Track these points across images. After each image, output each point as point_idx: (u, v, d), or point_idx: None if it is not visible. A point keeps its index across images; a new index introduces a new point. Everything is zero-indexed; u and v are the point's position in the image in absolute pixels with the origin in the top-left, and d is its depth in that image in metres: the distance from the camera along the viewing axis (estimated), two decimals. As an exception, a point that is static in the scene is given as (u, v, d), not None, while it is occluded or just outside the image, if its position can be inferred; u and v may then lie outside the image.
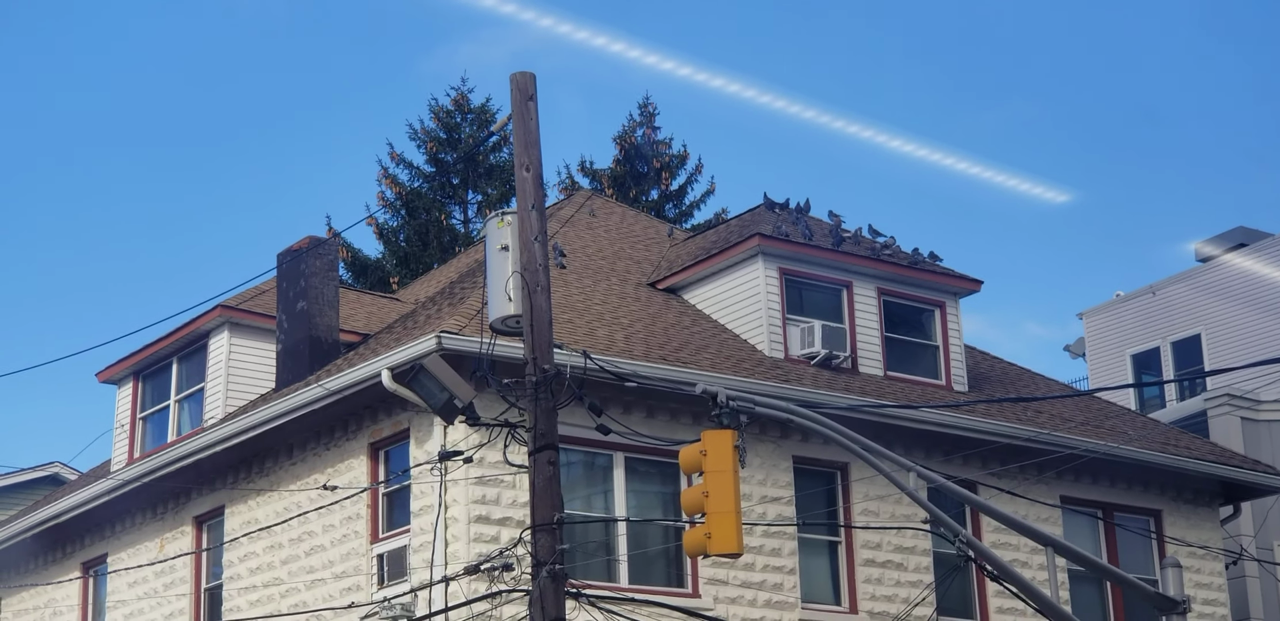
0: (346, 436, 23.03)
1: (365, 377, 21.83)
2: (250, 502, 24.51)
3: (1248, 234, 42.76)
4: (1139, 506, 26.63)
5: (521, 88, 17.51)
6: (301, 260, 25.20)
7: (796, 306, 25.46)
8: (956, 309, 26.68)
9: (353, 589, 22.36)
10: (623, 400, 21.88)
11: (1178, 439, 27.52)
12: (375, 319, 27.17)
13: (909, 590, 23.80)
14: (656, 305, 25.83)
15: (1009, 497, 23.29)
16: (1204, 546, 26.76)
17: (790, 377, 23.78)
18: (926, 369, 26.19)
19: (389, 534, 22.26)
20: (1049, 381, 29.53)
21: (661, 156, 51.06)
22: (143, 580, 26.35)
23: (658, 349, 23.34)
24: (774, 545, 23.03)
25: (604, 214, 30.43)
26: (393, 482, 22.30)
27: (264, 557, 24.11)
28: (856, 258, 26.01)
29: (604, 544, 21.97)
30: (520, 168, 17.34)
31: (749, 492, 22.53)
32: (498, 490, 21.14)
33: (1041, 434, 24.82)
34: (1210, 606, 26.60)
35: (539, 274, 16.83)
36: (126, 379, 27.86)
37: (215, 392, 26.02)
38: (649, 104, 51.49)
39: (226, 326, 26.14)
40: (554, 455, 16.32)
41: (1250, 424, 31.00)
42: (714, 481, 15.37)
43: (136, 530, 26.79)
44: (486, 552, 20.16)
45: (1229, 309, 41.23)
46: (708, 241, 27.80)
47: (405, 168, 49.85)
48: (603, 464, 22.28)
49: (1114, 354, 43.67)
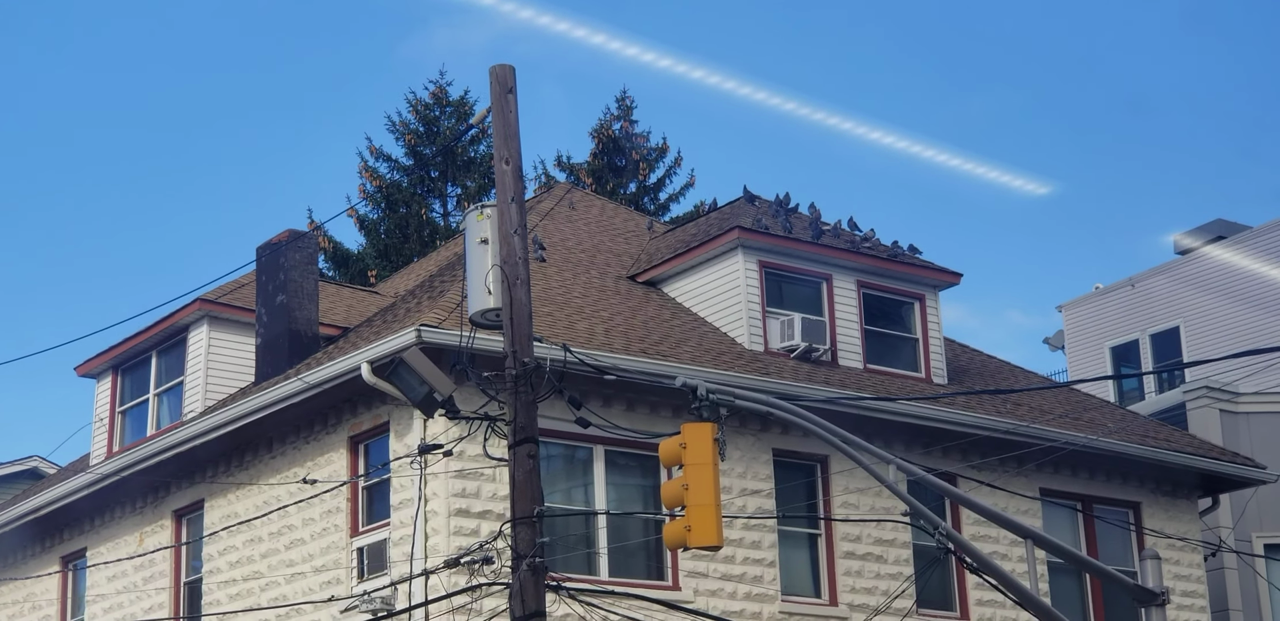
0: (326, 430, 23.01)
1: (345, 371, 21.81)
2: (230, 496, 24.48)
3: (1226, 226, 42.84)
4: (1118, 498, 26.69)
5: (501, 80, 17.48)
6: (281, 254, 25.16)
7: (776, 299, 25.48)
8: (936, 302, 26.72)
9: (333, 582, 22.34)
10: (603, 393, 21.88)
11: (1157, 431, 27.58)
12: (355, 312, 27.14)
13: (889, 582, 23.83)
14: (636, 298, 25.82)
15: (988, 490, 23.31)
16: (1183, 538, 26.83)
17: (770, 370, 23.79)
18: (906, 362, 26.22)
19: (369, 527, 22.25)
20: (1028, 374, 29.58)
21: (640, 149, 51.02)
22: (122, 574, 26.31)
23: (638, 342, 23.34)
24: (754, 538, 23.05)
25: (583, 207, 30.41)
26: (372, 476, 22.28)
27: (244, 551, 24.08)
28: (836, 250, 26.03)
29: (584, 537, 21.97)
30: (499, 160, 17.31)
31: (729, 485, 22.56)
32: (478, 483, 21.13)
33: (1021, 426, 24.86)
34: (1189, 598, 26.66)
35: (519, 267, 16.81)
36: (106, 372, 27.81)
37: (195, 386, 25.99)
38: (626, 97, 51.48)
39: (206, 320, 26.11)
40: (534, 448, 16.31)
41: (1229, 416, 31.06)
42: (694, 474, 15.38)
43: (116, 524, 26.75)
44: (466, 546, 20.13)
45: (1208, 301, 41.31)
46: (687, 234, 27.80)
47: (384, 161, 49.82)
48: (583, 457, 22.29)
49: (1093, 346, 43.75)
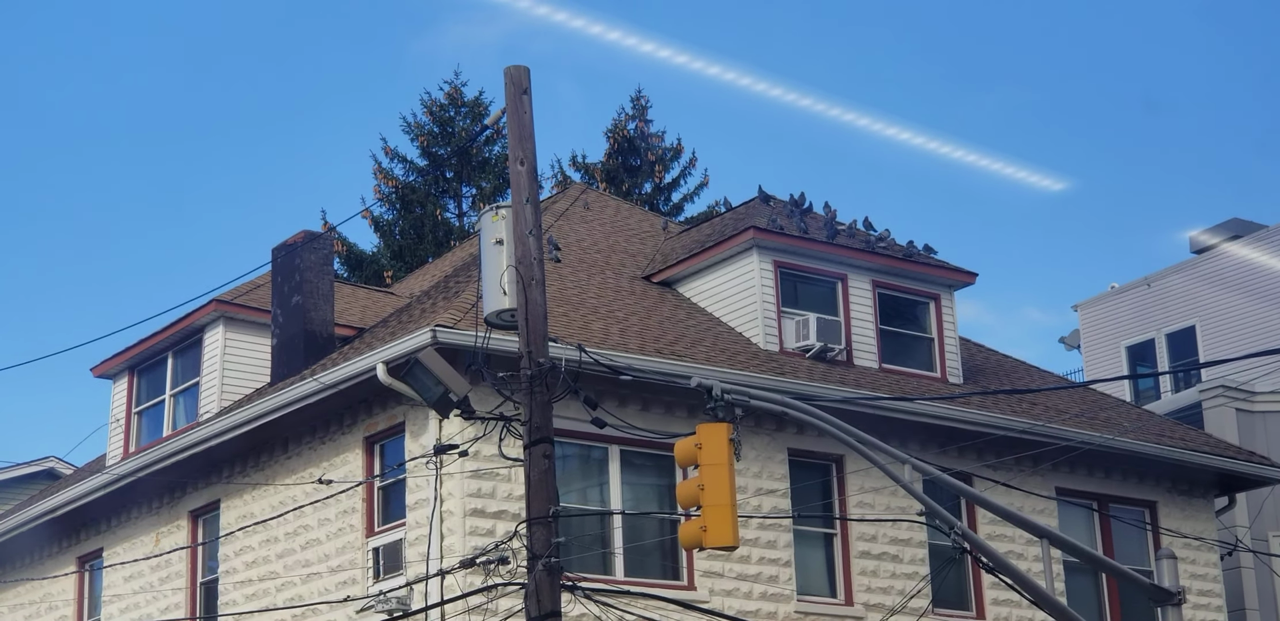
0: (342, 430, 23.03)
1: (360, 371, 21.82)
2: (246, 497, 24.51)
3: (1243, 225, 42.77)
4: (1134, 498, 26.66)
5: (515, 81, 17.48)
6: (296, 254, 25.19)
7: (791, 299, 25.47)
8: (951, 301, 26.69)
9: (348, 582, 22.36)
10: (618, 393, 21.88)
11: (1173, 430, 27.54)
12: (370, 313, 27.16)
13: (904, 582, 23.81)
14: (651, 298, 25.82)
15: (1004, 489, 23.28)
16: (1199, 537, 26.79)
17: (785, 370, 23.78)
18: (921, 361, 26.20)
19: (384, 527, 22.26)
20: (1044, 373, 29.54)
21: (655, 150, 51.03)
22: (138, 574, 26.35)
23: (653, 342, 23.34)
24: (769, 537, 23.04)
25: (598, 207, 30.42)
26: (388, 476, 22.30)
27: (259, 551, 24.11)
28: (851, 250, 26.01)
29: (599, 537, 21.98)
30: (514, 161, 17.32)
31: (744, 485, 22.55)
32: (493, 483, 21.14)
33: (1036, 426, 24.83)
34: (1205, 597, 26.62)
35: (534, 267, 16.82)
36: (122, 373, 27.86)
37: (210, 387, 26.03)
38: (641, 97, 51.50)
39: (221, 321, 26.15)
40: (549, 448, 16.31)
41: (1245, 415, 31.02)
42: (709, 474, 15.38)
43: (132, 524, 26.79)
44: (482, 546, 20.15)
45: (1224, 300, 41.24)
46: (702, 234, 27.79)
47: (399, 162, 49.85)
48: (598, 457, 22.29)
49: (1109, 346, 43.70)
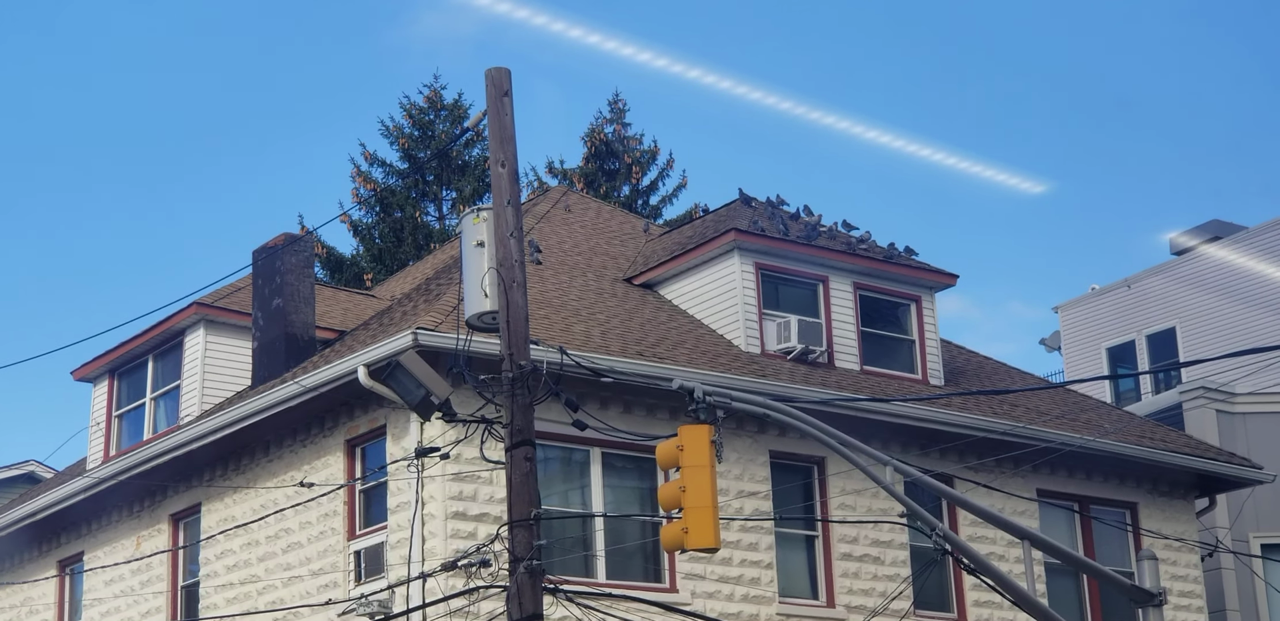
0: (323, 433, 23.00)
1: (341, 374, 21.80)
2: (227, 500, 24.47)
3: (1222, 227, 42.86)
4: (1115, 499, 26.70)
5: (496, 83, 17.48)
6: (277, 257, 25.15)
7: (773, 301, 25.49)
8: (932, 303, 26.73)
9: (330, 586, 22.33)
10: (599, 396, 21.88)
11: (1153, 432, 27.59)
12: (351, 316, 27.13)
13: (886, 584, 23.83)
14: (633, 301, 25.82)
15: (985, 491, 23.31)
16: (1180, 539, 26.84)
17: (767, 372, 23.79)
18: (903, 363, 26.23)
19: (366, 530, 22.24)
20: (1025, 375, 29.58)
21: (632, 152, 51.04)
22: (119, 578, 26.30)
23: (634, 344, 23.34)
24: (751, 540, 23.05)
25: (579, 209, 30.41)
26: (369, 479, 22.28)
27: (241, 555, 24.07)
28: (832, 252, 26.04)
29: (581, 539, 21.97)
30: (495, 163, 17.32)
31: (726, 487, 22.55)
32: (475, 486, 21.13)
33: (1017, 427, 24.86)
34: (1186, 598, 26.67)
35: (515, 270, 16.81)
36: (102, 377, 27.80)
37: (191, 390, 25.98)
38: (619, 100, 51.54)
39: (202, 324, 26.10)
40: (531, 451, 16.31)
41: (1225, 416, 31.06)
42: (691, 476, 15.38)
43: (113, 528, 26.73)
44: (464, 549, 20.12)
45: (1204, 301, 41.33)
46: (683, 237, 27.80)
47: (379, 165, 49.83)
48: (580, 459, 22.28)
49: (1090, 347, 43.77)
